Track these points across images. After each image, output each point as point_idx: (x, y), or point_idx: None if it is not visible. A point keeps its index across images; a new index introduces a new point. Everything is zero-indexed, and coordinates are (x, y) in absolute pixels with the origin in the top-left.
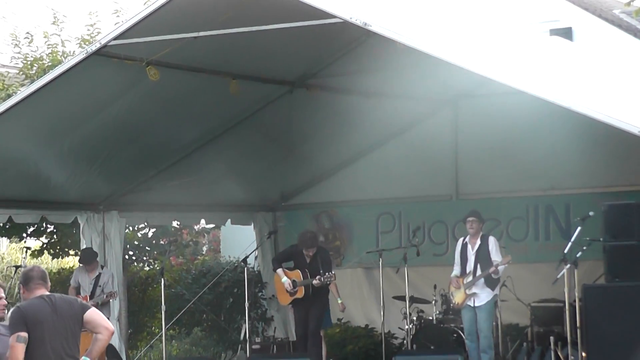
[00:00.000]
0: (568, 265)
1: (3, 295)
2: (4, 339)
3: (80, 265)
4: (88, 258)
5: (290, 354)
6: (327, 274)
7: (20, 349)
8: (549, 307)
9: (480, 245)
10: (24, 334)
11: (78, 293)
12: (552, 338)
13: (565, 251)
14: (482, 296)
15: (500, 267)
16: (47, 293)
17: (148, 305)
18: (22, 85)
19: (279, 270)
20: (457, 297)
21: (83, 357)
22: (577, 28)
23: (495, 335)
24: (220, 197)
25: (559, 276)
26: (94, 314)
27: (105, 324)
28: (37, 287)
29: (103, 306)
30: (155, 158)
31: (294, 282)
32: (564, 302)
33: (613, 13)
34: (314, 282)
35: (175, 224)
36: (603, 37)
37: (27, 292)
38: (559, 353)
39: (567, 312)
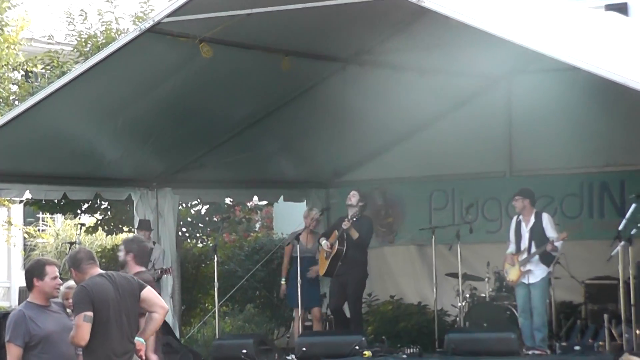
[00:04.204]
0: (622, 243)
1: (58, 274)
2: (57, 316)
3: None
4: (144, 224)
5: (343, 331)
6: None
7: (87, 329)
8: (603, 285)
9: (534, 222)
10: (90, 314)
11: None
12: (606, 316)
13: (620, 228)
14: (537, 273)
15: (557, 244)
16: (103, 271)
17: (201, 282)
18: (76, 62)
19: (320, 240)
20: (512, 274)
21: (136, 338)
22: (632, 3)
23: (548, 312)
24: (273, 174)
25: (613, 253)
26: (150, 292)
27: (161, 303)
28: (90, 267)
29: (157, 282)
30: (209, 135)
31: (331, 244)
32: (618, 279)
33: None
34: (343, 224)
35: (228, 200)
36: None
37: (80, 273)
38: (613, 331)
39: (621, 290)
